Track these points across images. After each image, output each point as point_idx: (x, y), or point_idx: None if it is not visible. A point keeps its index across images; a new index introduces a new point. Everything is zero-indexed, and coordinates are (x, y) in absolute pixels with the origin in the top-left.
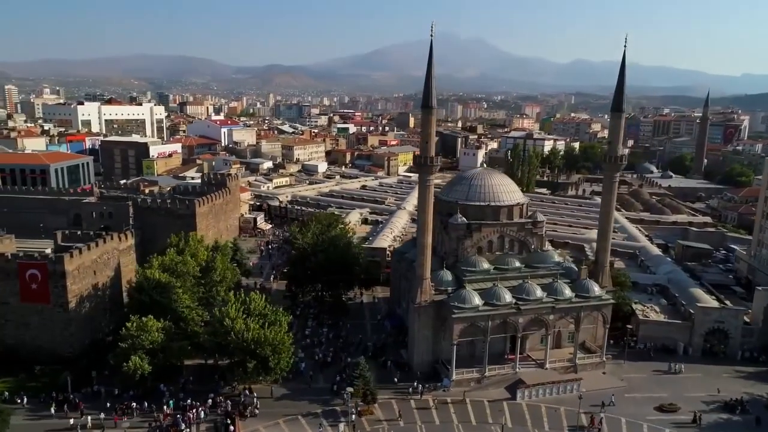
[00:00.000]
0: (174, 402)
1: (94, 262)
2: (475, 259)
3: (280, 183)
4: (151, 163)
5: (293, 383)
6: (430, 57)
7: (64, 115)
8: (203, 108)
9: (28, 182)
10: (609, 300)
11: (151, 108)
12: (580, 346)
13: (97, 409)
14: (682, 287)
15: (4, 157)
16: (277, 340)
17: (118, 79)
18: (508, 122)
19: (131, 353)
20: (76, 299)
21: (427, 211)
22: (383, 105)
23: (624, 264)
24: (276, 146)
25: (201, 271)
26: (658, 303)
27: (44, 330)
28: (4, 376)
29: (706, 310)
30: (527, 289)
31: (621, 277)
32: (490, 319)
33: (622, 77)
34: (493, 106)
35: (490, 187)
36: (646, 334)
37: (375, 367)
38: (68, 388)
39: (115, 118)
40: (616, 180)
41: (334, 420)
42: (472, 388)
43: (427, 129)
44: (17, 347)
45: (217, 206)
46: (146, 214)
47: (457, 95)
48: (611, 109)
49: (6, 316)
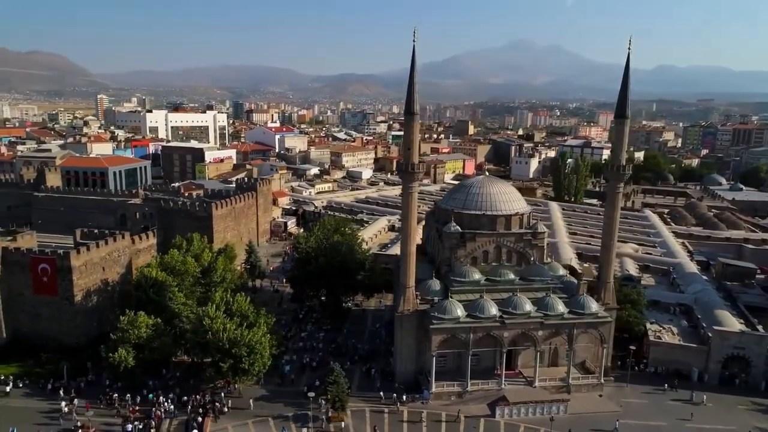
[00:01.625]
0: (154, 396)
1: (102, 259)
2: (466, 270)
3: (322, 189)
4: (203, 168)
5: (275, 385)
6: (413, 64)
7: (135, 122)
8: (268, 115)
9: (89, 184)
10: (606, 318)
11: (214, 115)
12: (579, 366)
13: (90, 397)
14: (707, 308)
15: (70, 161)
16: (253, 341)
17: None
18: (573, 130)
19: (119, 346)
20: (82, 293)
21: (410, 219)
22: (452, 113)
23: (654, 281)
24: (325, 153)
25: (202, 271)
26: (678, 324)
27: (53, 321)
28: (16, 362)
29: (723, 334)
30: (515, 302)
31: (634, 294)
32: (472, 332)
33: (626, 81)
34: (566, 114)
35: (487, 195)
36: (657, 357)
37: (360, 375)
38: (64, 376)
39: (180, 125)
40: (620, 191)
41: (303, 424)
42: (452, 402)
43: (410, 135)
44: (30, 336)
45: (238, 209)
46: (169, 216)
47: (529, 102)
48: (615, 116)
49: (21, 306)
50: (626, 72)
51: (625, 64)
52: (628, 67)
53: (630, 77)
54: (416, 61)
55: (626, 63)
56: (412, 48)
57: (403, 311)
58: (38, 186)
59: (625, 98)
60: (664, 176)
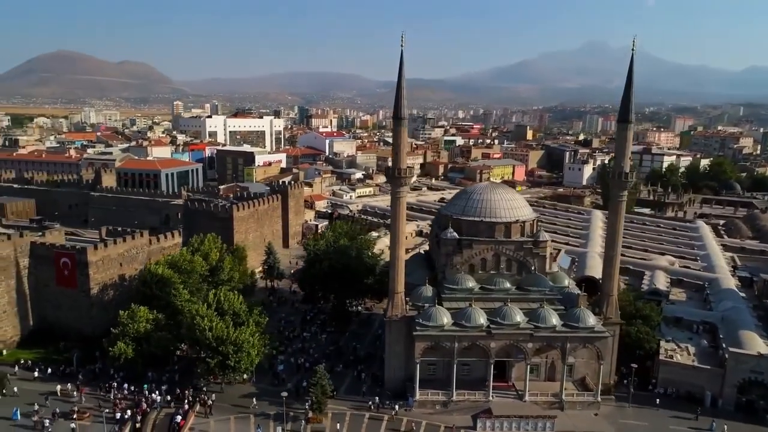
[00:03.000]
0: (148, 388)
1: (120, 255)
2: (459, 277)
3: (363, 193)
4: (251, 171)
5: (267, 383)
6: (401, 68)
7: (196, 127)
8: (327, 120)
9: (143, 185)
10: (603, 333)
11: (270, 120)
12: (579, 383)
13: (95, 384)
14: (733, 327)
15: (128, 163)
16: (240, 340)
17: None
18: (640, 136)
19: (119, 339)
20: (99, 286)
21: (399, 224)
22: (519, 117)
23: (686, 296)
24: (371, 157)
25: (210, 270)
26: (697, 344)
27: (72, 311)
28: (39, 347)
29: (739, 357)
30: (505, 312)
31: (647, 309)
32: (457, 341)
33: (630, 84)
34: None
35: (488, 202)
36: (668, 377)
37: (352, 378)
38: (74, 363)
39: (238, 129)
40: (623, 200)
41: (280, 423)
42: (436, 411)
43: (398, 140)
44: (53, 324)
45: (261, 211)
46: (194, 216)
47: (602, 107)
48: (617, 120)
49: (46, 297)
50: (630, 74)
51: (629, 65)
52: (631, 69)
53: (633, 79)
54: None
55: (630, 65)
56: (400, 53)
57: (392, 317)
58: (95, 186)
59: (628, 101)
60: (730, 185)
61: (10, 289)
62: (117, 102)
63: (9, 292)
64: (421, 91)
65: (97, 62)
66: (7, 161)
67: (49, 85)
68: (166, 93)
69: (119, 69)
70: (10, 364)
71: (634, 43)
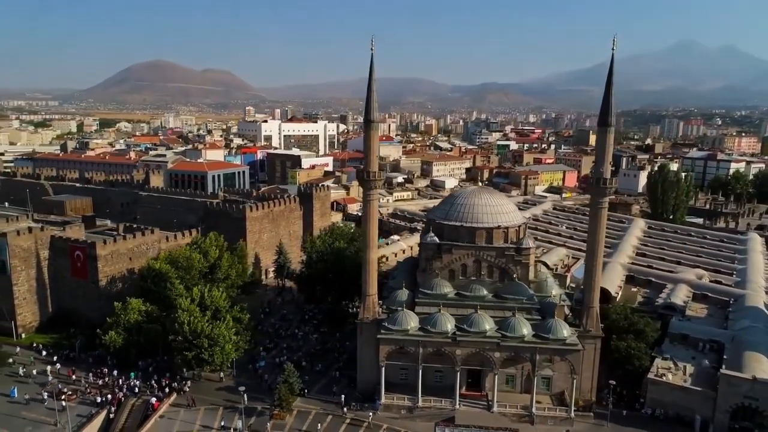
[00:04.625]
0: (135, 375)
1: (129, 250)
2: (435, 282)
3: (400, 197)
4: (294, 174)
5: (245, 378)
6: (371, 72)
7: (252, 131)
8: (385, 125)
9: (191, 185)
10: (575, 346)
11: (324, 125)
12: (557, 397)
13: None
14: (741, 348)
15: (179, 165)
16: (215, 334)
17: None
18: (717, 141)
19: (112, 328)
20: (107, 278)
21: (370, 226)
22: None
23: (707, 313)
24: (415, 162)
25: (209, 267)
26: (699, 363)
27: (84, 301)
28: (54, 333)
29: (731, 380)
30: (473, 320)
31: (641, 323)
32: (422, 346)
33: (610, 85)
34: (730, 123)
35: (470, 206)
36: (656, 397)
37: (330, 378)
38: (76, 349)
39: (292, 133)
40: (603, 207)
41: (246, 417)
42: (401, 416)
43: (369, 143)
44: (69, 312)
45: (276, 212)
46: (212, 216)
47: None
48: (597, 124)
49: (63, 287)
50: (610, 75)
51: (609, 65)
52: (611, 69)
53: (614, 81)
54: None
55: (610, 65)
56: (371, 57)
57: (363, 319)
58: (144, 186)
59: (608, 104)
60: None
61: (30, 278)
62: (200, 108)
63: (29, 280)
64: (495, 94)
65: (184, 70)
66: (75, 162)
67: (141, 92)
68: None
69: (203, 76)
70: (26, 346)
71: (614, 42)
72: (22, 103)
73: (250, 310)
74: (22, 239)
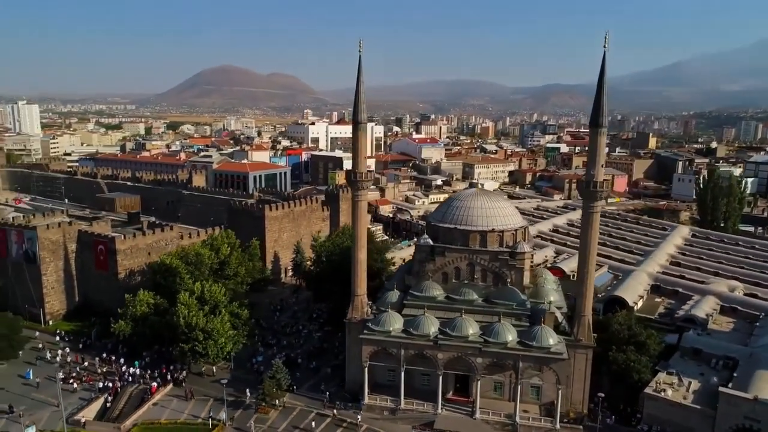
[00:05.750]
0: (138, 364)
1: (148, 245)
2: (426, 284)
3: (436, 198)
4: (334, 175)
5: (242, 372)
6: (359, 73)
7: (300, 133)
8: (436, 128)
9: (234, 185)
10: (560, 355)
11: (371, 127)
12: (547, 407)
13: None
14: (756, 365)
15: (224, 165)
16: (209, 328)
17: (407, 102)
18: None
19: (122, 318)
20: (126, 271)
21: (359, 227)
22: (662, 124)
23: (732, 327)
24: (456, 164)
25: (219, 264)
26: (707, 380)
27: (105, 292)
28: (78, 321)
29: (731, 399)
30: (456, 324)
31: (643, 335)
32: (403, 348)
33: (602, 84)
34: None
35: (466, 209)
36: (653, 413)
37: (323, 375)
38: (92, 337)
39: (338, 136)
40: (596, 211)
41: (233, 409)
42: (384, 417)
43: (356, 144)
44: (93, 302)
45: (297, 212)
46: (236, 214)
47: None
48: (589, 124)
49: (88, 278)
50: (602, 73)
51: (601, 64)
52: (603, 68)
53: (606, 80)
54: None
55: (602, 63)
56: (359, 59)
57: (351, 319)
58: (187, 185)
59: (599, 105)
60: None
61: (58, 269)
62: (264, 111)
63: (57, 271)
64: (559, 96)
65: (251, 75)
66: (130, 162)
67: (210, 96)
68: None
69: (268, 80)
70: (51, 333)
71: (606, 40)
72: (103, 107)
73: (263, 307)
74: (50, 232)
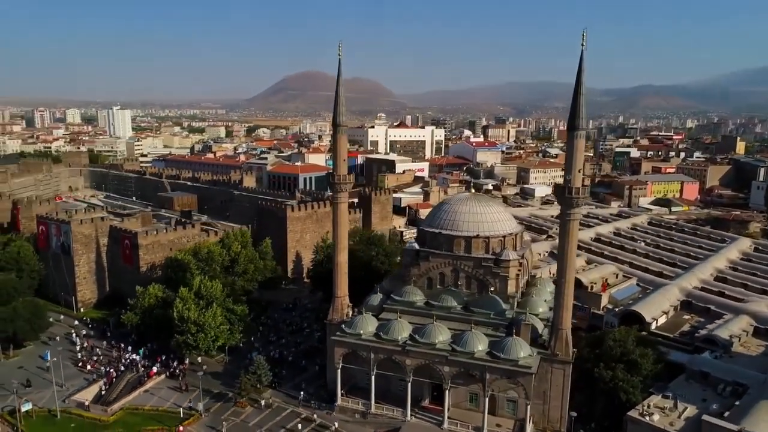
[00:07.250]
0: (143, 352)
1: (170, 241)
2: (407, 289)
3: None
4: (383, 178)
5: (235, 367)
6: (339, 76)
7: (359, 137)
8: (504, 131)
9: (285, 186)
10: (527, 369)
11: (432, 131)
12: (520, 422)
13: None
14: (764, 395)
15: (277, 167)
16: (201, 321)
17: (486, 105)
18: None
19: (132, 310)
20: (147, 265)
21: (340, 230)
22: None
23: (762, 350)
24: (511, 168)
25: (230, 261)
26: (707, 406)
27: (130, 284)
28: (106, 310)
29: (714, 428)
30: (426, 330)
31: (636, 354)
32: (372, 351)
33: (579, 86)
34: None
35: (453, 213)
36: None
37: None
38: (110, 325)
39: (398, 139)
40: (575, 219)
41: (215, 401)
42: (354, 420)
43: (337, 147)
44: (120, 293)
45: (320, 213)
46: (263, 214)
47: None
48: (567, 128)
49: (117, 270)
50: (579, 74)
51: (578, 65)
52: (581, 68)
53: (583, 80)
54: (341, 74)
55: (579, 64)
56: (338, 62)
57: (332, 320)
58: (238, 186)
59: (577, 106)
60: None
61: (90, 261)
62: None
63: (89, 263)
64: (651, 98)
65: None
66: (195, 163)
67: (295, 101)
68: (387, 106)
69: (350, 85)
70: (78, 319)
71: (583, 38)
72: (196, 111)
73: (275, 305)
74: (83, 227)
